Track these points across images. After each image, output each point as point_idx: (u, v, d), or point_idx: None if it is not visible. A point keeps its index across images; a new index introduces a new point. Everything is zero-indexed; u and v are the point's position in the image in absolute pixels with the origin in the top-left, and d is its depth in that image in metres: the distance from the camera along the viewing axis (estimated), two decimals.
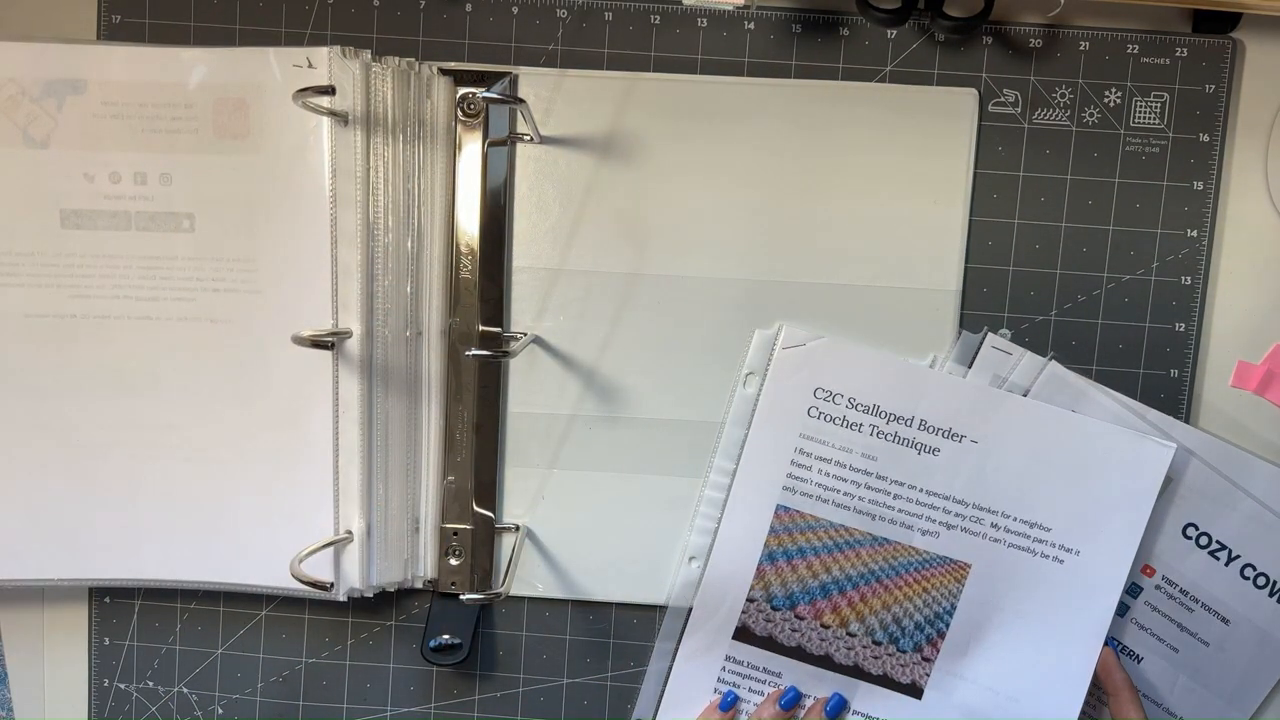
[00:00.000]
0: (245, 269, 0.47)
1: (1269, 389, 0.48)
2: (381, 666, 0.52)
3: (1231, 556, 0.48)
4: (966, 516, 0.47)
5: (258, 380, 0.47)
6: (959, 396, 0.47)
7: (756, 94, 0.48)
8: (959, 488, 0.47)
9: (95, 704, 0.52)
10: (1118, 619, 0.49)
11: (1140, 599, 0.49)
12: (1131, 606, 0.49)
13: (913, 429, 0.47)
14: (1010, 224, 0.48)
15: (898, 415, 0.47)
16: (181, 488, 0.48)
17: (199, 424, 0.48)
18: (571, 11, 0.48)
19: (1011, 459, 0.47)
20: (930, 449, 0.47)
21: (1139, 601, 0.49)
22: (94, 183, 0.47)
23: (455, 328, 0.49)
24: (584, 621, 0.51)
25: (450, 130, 0.48)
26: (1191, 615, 0.49)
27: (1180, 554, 0.48)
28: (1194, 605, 0.49)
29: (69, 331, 0.48)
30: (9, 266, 0.47)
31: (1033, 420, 0.47)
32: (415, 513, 0.50)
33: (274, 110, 0.45)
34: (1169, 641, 0.49)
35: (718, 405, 0.49)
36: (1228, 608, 0.48)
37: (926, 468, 0.47)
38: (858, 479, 0.48)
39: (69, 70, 0.46)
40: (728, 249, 0.48)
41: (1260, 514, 0.48)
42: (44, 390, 0.48)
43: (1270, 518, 0.48)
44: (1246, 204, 0.48)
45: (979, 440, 0.47)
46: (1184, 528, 0.48)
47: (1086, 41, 0.47)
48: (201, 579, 0.49)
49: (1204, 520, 0.48)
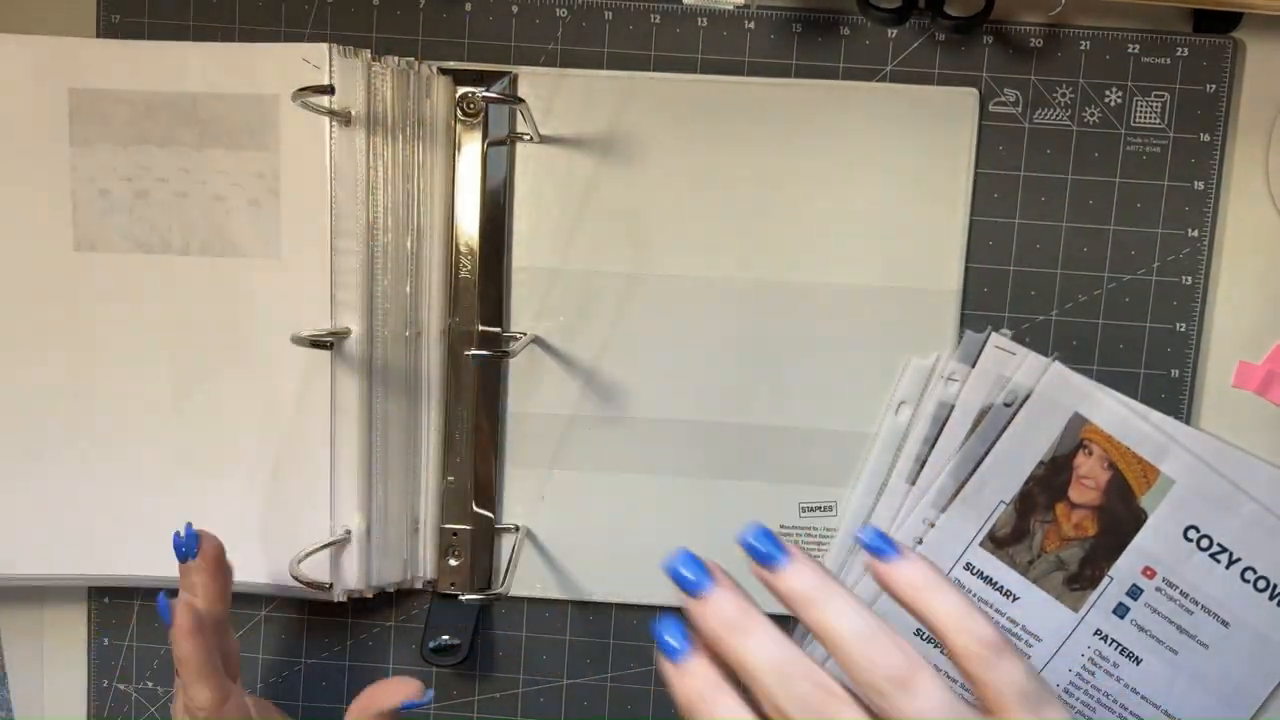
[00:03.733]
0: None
1: (1270, 389, 0.48)
2: (381, 667, 0.52)
3: (1232, 559, 0.48)
4: None
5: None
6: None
7: (756, 94, 0.48)
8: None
9: (95, 704, 0.52)
10: (1118, 620, 0.49)
11: (1140, 600, 0.49)
12: (1131, 608, 0.49)
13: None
14: (1010, 224, 0.48)
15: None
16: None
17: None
18: (571, 11, 0.48)
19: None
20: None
21: (1139, 603, 0.49)
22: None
23: (455, 328, 0.49)
24: (584, 621, 0.51)
25: (450, 130, 0.48)
26: (1191, 617, 0.49)
27: (1181, 557, 0.48)
28: (1194, 608, 0.48)
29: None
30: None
31: None
32: (415, 513, 0.50)
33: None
34: (1168, 643, 0.49)
35: (718, 405, 0.49)
36: (1228, 610, 0.48)
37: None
38: None
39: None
40: (727, 249, 0.48)
41: (1262, 517, 0.48)
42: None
43: (1273, 521, 0.48)
44: (1247, 204, 0.48)
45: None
46: (1185, 530, 0.48)
47: (1087, 41, 0.47)
48: None
49: (1205, 523, 0.48)
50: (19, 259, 0.47)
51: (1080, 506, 0.49)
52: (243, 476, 0.48)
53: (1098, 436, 0.48)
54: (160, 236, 0.47)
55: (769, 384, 0.49)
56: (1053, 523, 0.49)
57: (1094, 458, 0.48)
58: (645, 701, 0.51)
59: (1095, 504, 0.48)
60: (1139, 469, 0.48)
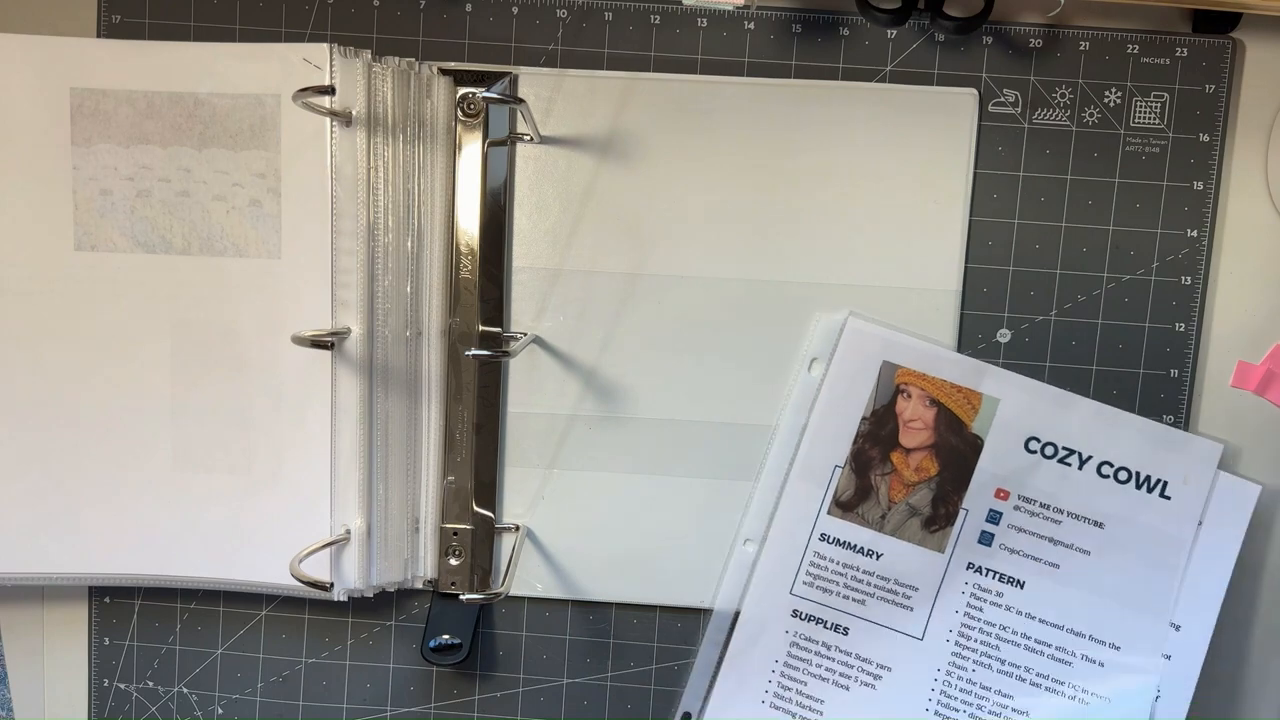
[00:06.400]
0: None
1: (1269, 389, 0.48)
2: (381, 666, 0.52)
3: (1083, 459, 0.47)
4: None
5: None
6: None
7: (756, 94, 0.48)
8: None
9: (95, 704, 0.52)
10: (985, 549, 0.48)
11: (1002, 524, 0.48)
12: (995, 534, 0.48)
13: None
14: (1010, 224, 0.48)
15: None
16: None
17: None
18: (571, 11, 0.48)
19: None
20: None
21: (1002, 527, 0.48)
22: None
23: (455, 328, 0.49)
24: (584, 621, 0.51)
25: (450, 130, 0.48)
26: (1060, 527, 0.48)
27: (1028, 469, 0.48)
28: (1060, 516, 0.48)
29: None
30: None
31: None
32: (415, 513, 0.50)
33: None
34: (1046, 559, 0.48)
35: (718, 405, 0.49)
36: (1096, 510, 0.47)
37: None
38: None
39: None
40: (727, 248, 0.49)
41: (1099, 410, 0.47)
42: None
43: (1110, 411, 0.47)
44: (1246, 204, 0.48)
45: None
46: (1025, 443, 0.47)
47: (1086, 41, 0.47)
48: (201, 577, 0.49)
49: (1043, 431, 0.47)
50: (19, 259, 0.47)
51: (915, 450, 0.48)
52: (243, 476, 0.48)
53: (911, 378, 0.48)
54: (161, 236, 0.47)
55: (769, 383, 0.49)
56: (893, 472, 0.49)
57: (914, 399, 0.48)
58: (645, 701, 0.51)
59: (929, 443, 0.48)
60: (960, 398, 0.48)
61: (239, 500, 0.48)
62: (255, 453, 0.48)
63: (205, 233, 0.47)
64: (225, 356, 0.47)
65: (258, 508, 0.48)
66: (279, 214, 0.46)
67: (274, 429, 0.47)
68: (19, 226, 0.47)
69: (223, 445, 0.48)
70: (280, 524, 0.48)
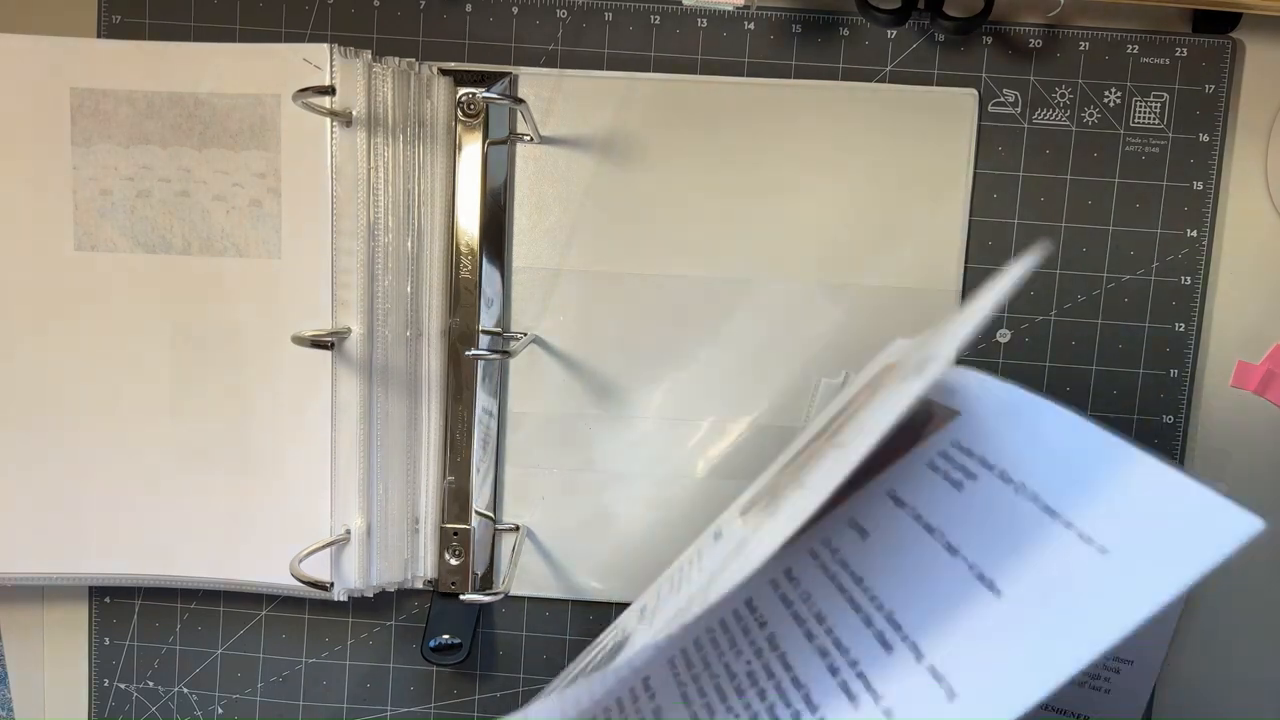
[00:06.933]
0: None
1: (1269, 389, 0.48)
2: (381, 666, 0.52)
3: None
4: None
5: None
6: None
7: (756, 94, 0.48)
8: None
9: (95, 704, 0.52)
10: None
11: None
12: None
13: None
14: (1010, 224, 0.48)
15: None
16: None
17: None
18: (571, 11, 0.48)
19: None
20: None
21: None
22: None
23: (455, 328, 0.49)
24: (584, 621, 0.51)
25: (450, 130, 0.48)
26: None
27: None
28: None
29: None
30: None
31: None
32: (415, 512, 0.50)
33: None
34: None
35: (718, 405, 0.49)
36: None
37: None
38: None
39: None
40: (727, 249, 0.49)
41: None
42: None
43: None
44: (1246, 204, 0.48)
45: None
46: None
47: (1086, 41, 0.48)
48: (201, 577, 0.49)
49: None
50: (19, 259, 0.47)
51: None
52: (243, 476, 0.48)
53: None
54: (161, 236, 0.47)
55: (769, 383, 0.49)
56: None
57: None
58: None
59: None
60: None
61: (239, 500, 0.48)
62: (255, 453, 0.48)
63: (205, 233, 0.47)
64: (225, 356, 0.47)
65: (258, 508, 0.48)
66: (279, 214, 0.46)
67: (274, 429, 0.47)
68: (19, 226, 0.47)
69: (222, 445, 0.48)
70: (280, 524, 0.48)
